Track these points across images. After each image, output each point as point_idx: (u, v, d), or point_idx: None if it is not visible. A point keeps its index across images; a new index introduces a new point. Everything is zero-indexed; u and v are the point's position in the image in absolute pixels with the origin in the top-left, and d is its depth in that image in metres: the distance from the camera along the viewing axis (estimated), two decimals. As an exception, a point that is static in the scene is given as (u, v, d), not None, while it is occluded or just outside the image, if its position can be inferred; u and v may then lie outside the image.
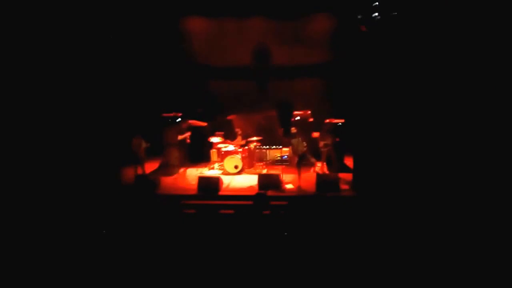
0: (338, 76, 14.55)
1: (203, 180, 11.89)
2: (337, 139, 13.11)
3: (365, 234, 8.67)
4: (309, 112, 14.51)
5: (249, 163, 14.11)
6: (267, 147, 14.72)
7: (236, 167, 13.55)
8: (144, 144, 12.74)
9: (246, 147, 14.20)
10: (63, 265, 7.80)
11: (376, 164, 11.20)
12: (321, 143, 12.99)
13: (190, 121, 14.68)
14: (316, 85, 15.30)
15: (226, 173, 13.54)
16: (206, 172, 13.91)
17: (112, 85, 12.29)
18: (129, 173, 12.76)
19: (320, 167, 13.28)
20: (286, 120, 14.86)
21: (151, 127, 13.84)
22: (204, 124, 14.87)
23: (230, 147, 14.01)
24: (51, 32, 11.04)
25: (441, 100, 10.67)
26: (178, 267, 7.76)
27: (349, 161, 13.64)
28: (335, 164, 13.07)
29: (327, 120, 13.88)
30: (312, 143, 13.23)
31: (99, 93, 11.90)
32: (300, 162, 12.29)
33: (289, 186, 12.11)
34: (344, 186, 11.83)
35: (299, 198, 11.29)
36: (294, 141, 12.45)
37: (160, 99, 15.00)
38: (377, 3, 10.79)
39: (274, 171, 13.33)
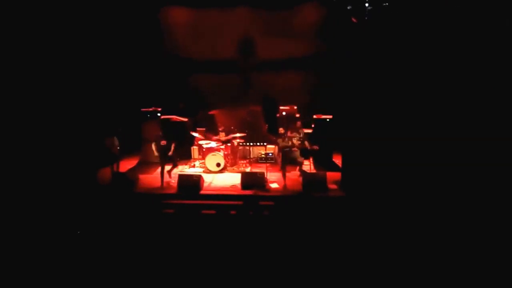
0: (327, 69, 14.45)
1: (183, 179, 11.74)
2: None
3: (354, 236, 8.62)
4: (295, 107, 14.43)
5: (232, 160, 13.96)
6: (251, 144, 14.60)
7: (218, 165, 13.39)
8: (117, 142, 12.57)
9: (229, 144, 14.04)
10: (38, 266, 7.77)
11: (366, 162, 11.10)
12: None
13: (171, 117, 14.51)
14: (303, 79, 15.21)
15: (208, 171, 13.39)
16: (186, 170, 13.73)
17: (87, 79, 12.03)
18: (106, 172, 12.55)
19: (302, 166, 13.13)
20: (271, 116, 14.79)
21: (129, 123, 13.64)
22: (185, 119, 14.74)
23: (212, 144, 13.83)
24: (13, 20, 10.76)
25: (435, 94, 10.59)
26: (158, 268, 7.70)
27: (337, 159, 13.56)
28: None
29: (315, 116, 13.84)
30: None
31: (73, 88, 11.63)
32: (286, 159, 12.15)
33: (274, 186, 11.99)
34: (332, 186, 11.75)
35: (284, 198, 11.17)
36: (280, 140, 12.35)
37: (139, 93, 14.80)
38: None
39: (258, 169, 13.18)
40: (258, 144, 14.61)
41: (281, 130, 12.59)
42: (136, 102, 14.50)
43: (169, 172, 12.36)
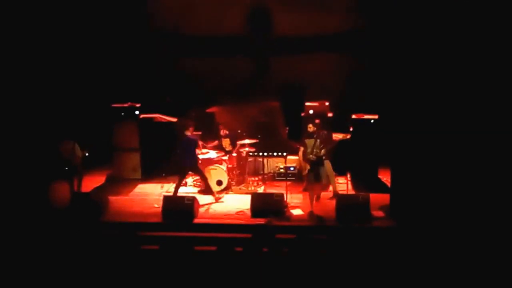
0: (371, 52, 14.50)
1: (170, 202, 11.81)
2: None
3: (407, 283, 8.63)
4: (327, 103, 14.49)
5: (238, 177, 14.04)
6: (266, 154, 14.39)
7: (219, 183, 13.46)
8: (79, 151, 12.65)
9: (235, 154, 14.12)
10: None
11: (425, 180, 11.12)
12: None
13: (154, 115, 14.65)
14: (336, 65, 15.16)
15: (205, 192, 13.42)
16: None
17: (33, 58, 12.19)
18: (62, 191, 12.59)
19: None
20: (294, 115, 14.82)
21: (96, 123, 13.79)
22: (174, 119, 14.81)
23: (211, 154, 13.91)
24: None
25: None
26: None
27: (385, 176, 13.64)
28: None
29: (354, 115, 13.90)
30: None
31: (12, 70, 11.83)
32: (314, 175, 12.22)
33: (296, 212, 12.04)
34: (378, 213, 11.80)
35: (311, 229, 11.22)
36: (309, 142, 12.30)
37: (110, 82, 14.96)
38: None
39: (275, 189, 13.24)
40: (275, 154, 14.38)
41: (310, 127, 12.41)
42: (106, 94, 14.65)
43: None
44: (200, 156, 13.84)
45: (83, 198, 12.32)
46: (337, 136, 12.77)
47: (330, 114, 14.34)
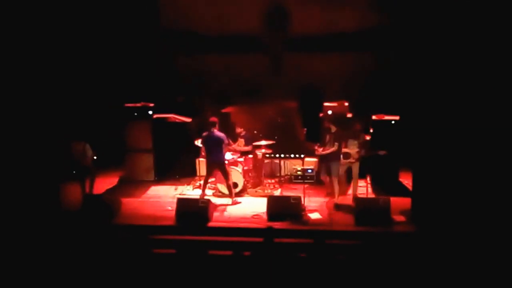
0: (393, 50, 14.43)
1: (184, 205, 11.76)
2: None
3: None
4: (346, 103, 14.37)
5: (254, 179, 13.98)
6: (283, 155, 14.44)
7: (234, 185, 13.31)
8: (90, 152, 12.61)
9: (251, 156, 14.04)
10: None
11: (448, 184, 11.00)
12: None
13: (168, 116, 14.61)
14: (357, 64, 15.22)
15: (220, 194, 13.42)
16: (189, 192, 13.77)
17: (48, 62, 12.09)
18: (73, 193, 12.64)
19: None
20: (312, 115, 14.71)
21: (109, 123, 13.79)
22: (188, 119, 14.78)
23: (227, 155, 13.79)
24: None
25: None
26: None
27: (406, 179, 13.51)
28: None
29: (374, 116, 13.81)
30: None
31: (26, 73, 11.72)
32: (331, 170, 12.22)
33: (314, 216, 11.92)
34: (399, 217, 11.66)
35: (329, 234, 11.04)
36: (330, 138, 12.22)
37: (123, 82, 14.95)
38: None
39: (292, 192, 13.11)
40: (292, 156, 14.46)
41: (327, 124, 12.41)
42: (118, 93, 14.60)
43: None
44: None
45: (95, 200, 12.30)
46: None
47: (349, 115, 14.20)
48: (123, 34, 15.09)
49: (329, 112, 14.35)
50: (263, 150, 13.94)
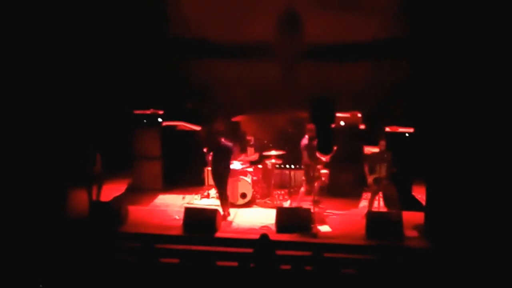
0: (410, 60, 14.42)
1: (192, 214, 11.81)
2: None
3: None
4: (359, 114, 14.38)
5: (263, 190, 13.96)
6: (293, 166, 14.50)
7: (243, 195, 13.39)
8: (98, 157, 12.71)
9: (260, 166, 14.05)
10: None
11: (463, 199, 11.00)
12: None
13: (177, 123, 14.67)
14: (372, 74, 15.21)
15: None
16: (197, 201, 13.78)
17: (54, 64, 12.25)
18: (80, 199, 12.71)
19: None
20: (324, 126, 14.60)
21: (117, 130, 13.86)
22: (198, 128, 14.83)
23: (236, 165, 13.83)
24: None
25: None
26: None
27: (419, 193, 13.45)
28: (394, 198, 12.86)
29: (388, 128, 13.77)
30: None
31: (32, 75, 11.87)
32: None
33: (324, 229, 11.95)
34: (411, 232, 11.67)
35: (339, 248, 11.08)
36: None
37: (132, 88, 15.04)
38: None
39: (302, 203, 13.05)
40: (302, 167, 14.27)
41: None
42: (128, 100, 14.69)
43: None
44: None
45: (102, 207, 12.35)
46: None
47: (362, 126, 14.19)
48: (133, 41, 15.18)
49: (342, 123, 14.35)
50: (273, 160, 13.98)
